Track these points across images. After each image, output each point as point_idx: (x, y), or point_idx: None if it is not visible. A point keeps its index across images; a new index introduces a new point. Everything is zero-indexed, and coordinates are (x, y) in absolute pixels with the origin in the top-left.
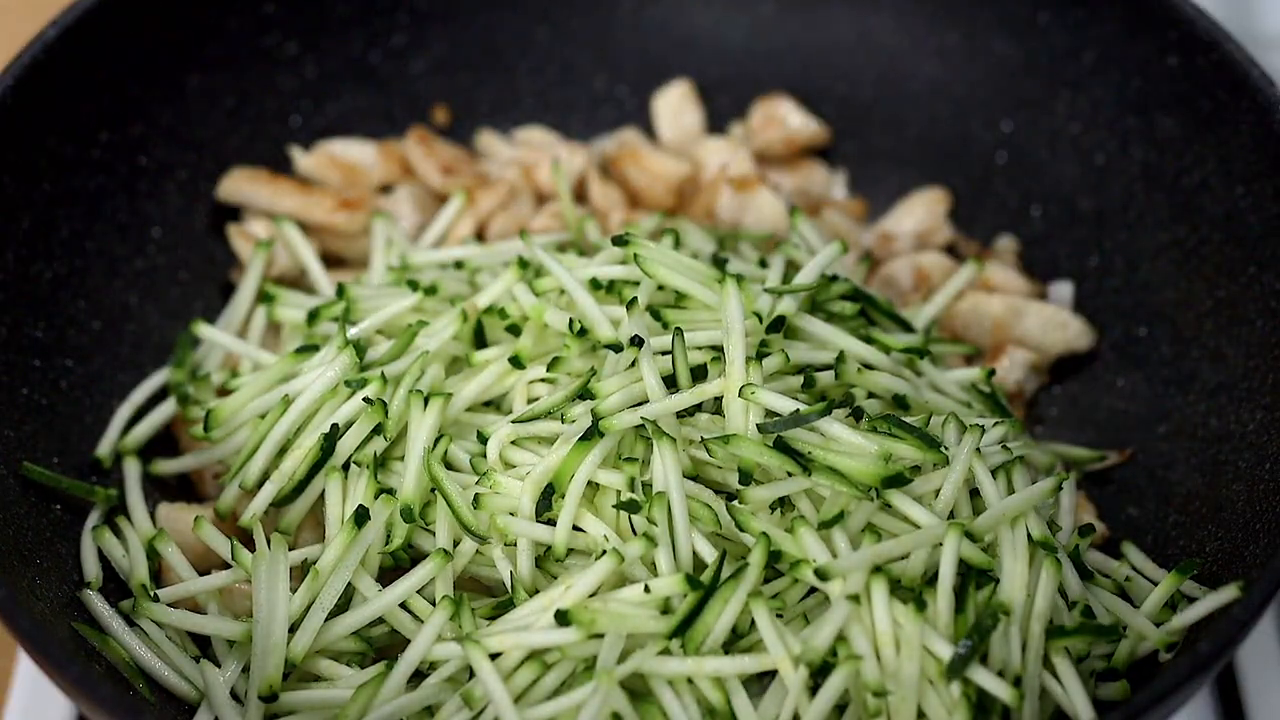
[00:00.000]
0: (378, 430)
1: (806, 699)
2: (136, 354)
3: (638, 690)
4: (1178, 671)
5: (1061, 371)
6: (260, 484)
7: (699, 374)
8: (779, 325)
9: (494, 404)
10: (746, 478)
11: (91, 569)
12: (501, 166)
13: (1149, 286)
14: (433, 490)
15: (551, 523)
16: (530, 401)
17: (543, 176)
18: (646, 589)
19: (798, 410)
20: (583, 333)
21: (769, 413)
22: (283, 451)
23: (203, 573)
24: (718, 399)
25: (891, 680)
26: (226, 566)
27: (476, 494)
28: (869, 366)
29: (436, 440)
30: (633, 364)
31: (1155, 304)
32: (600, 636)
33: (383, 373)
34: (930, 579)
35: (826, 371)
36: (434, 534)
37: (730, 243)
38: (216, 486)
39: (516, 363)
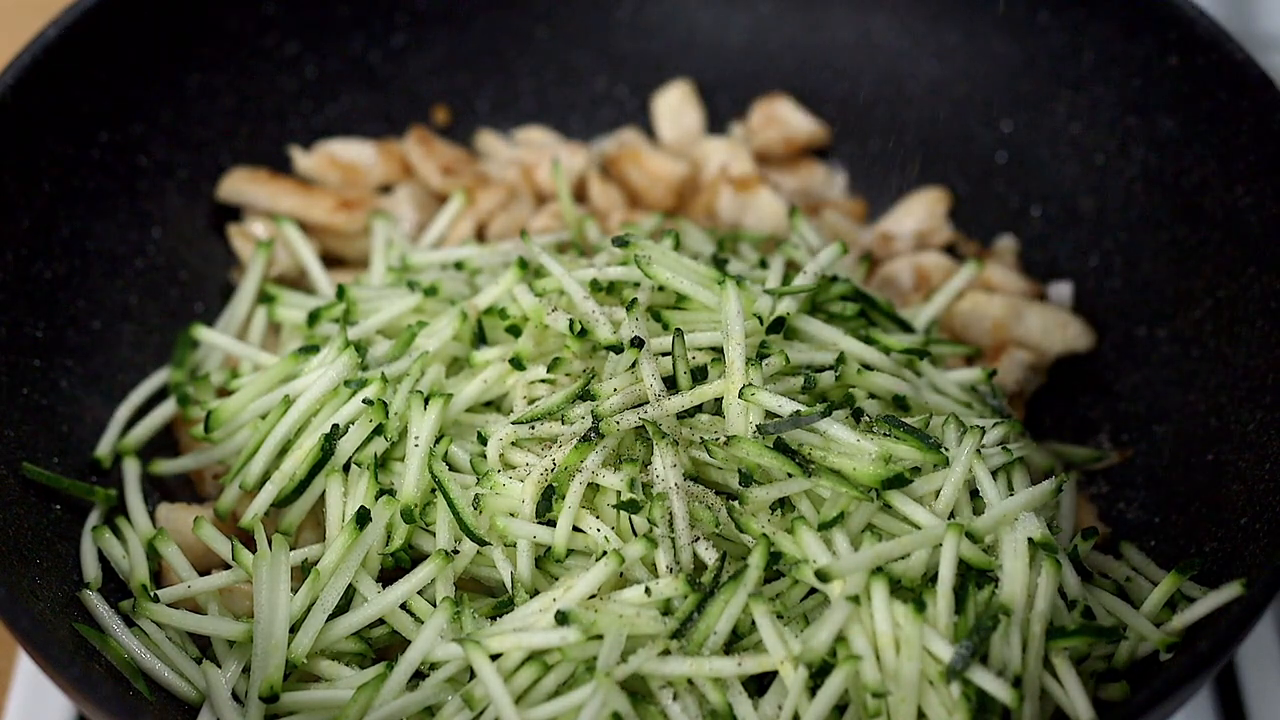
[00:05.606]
0: (378, 431)
1: (806, 699)
2: (136, 354)
3: (638, 691)
4: (1178, 671)
5: (1061, 371)
6: (261, 484)
7: (699, 375)
8: (779, 326)
9: (494, 405)
10: (747, 479)
11: (91, 569)
12: (501, 166)
13: (1149, 286)
14: (433, 491)
15: (551, 524)
16: (530, 402)
17: (543, 176)
18: (647, 590)
19: (798, 411)
20: (583, 334)
21: (769, 414)
22: (283, 452)
23: (203, 573)
24: (718, 400)
25: (891, 681)
26: (226, 567)
27: (477, 495)
28: (869, 367)
29: (437, 440)
30: (633, 365)
31: (1155, 304)
32: (600, 637)
33: (383, 373)
34: (930, 579)
35: (827, 372)
36: (434, 535)
37: (730, 243)
38: (216, 487)
39: (517, 364)
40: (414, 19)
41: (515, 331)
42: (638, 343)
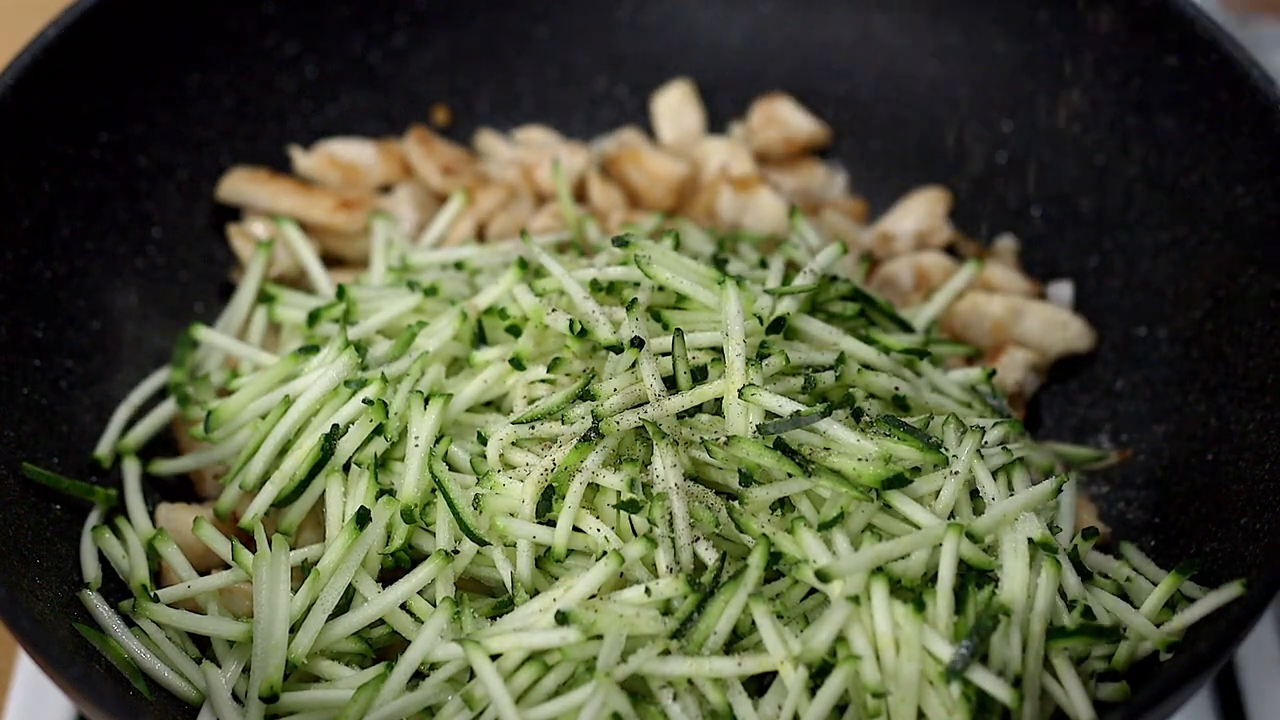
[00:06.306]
0: (378, 431)
1: (806, 699)
2: (136, 354)
3: (638, 691)
4: (1178, 671)
5: (1061, 371)
6: (261, 484)
7: (699, 375)
8: (779, 326)
9: (494, 405)
10: (747, 479)
11: (91, 569)
12: (501, 167)
13: (1149, 286)
14: (433, 491)
15: (551, 524)
16: (530, 402)
17: (543, 176)
18: (647, 590)
19: (798, 411)
20: (583, 334)
21: (769, 414)
22: (283, 452)
23: (203, 573)
24: (718, 400)
25: (891, 681)
26: (226, 567)
27: (477, 495)
28: (869, 367)
29: (437, 440)
30: (633, 365)
31: (1155, 304)
32: (600, 637)
33: (383, 373)
34: (930, 580)
35: (827, 372)
36: (434, 535)
37: (730, 243)
38: (216, 487)
39: (517, 364)
40: (414, 19)
41: (515, 331)
42: (638, 343)
